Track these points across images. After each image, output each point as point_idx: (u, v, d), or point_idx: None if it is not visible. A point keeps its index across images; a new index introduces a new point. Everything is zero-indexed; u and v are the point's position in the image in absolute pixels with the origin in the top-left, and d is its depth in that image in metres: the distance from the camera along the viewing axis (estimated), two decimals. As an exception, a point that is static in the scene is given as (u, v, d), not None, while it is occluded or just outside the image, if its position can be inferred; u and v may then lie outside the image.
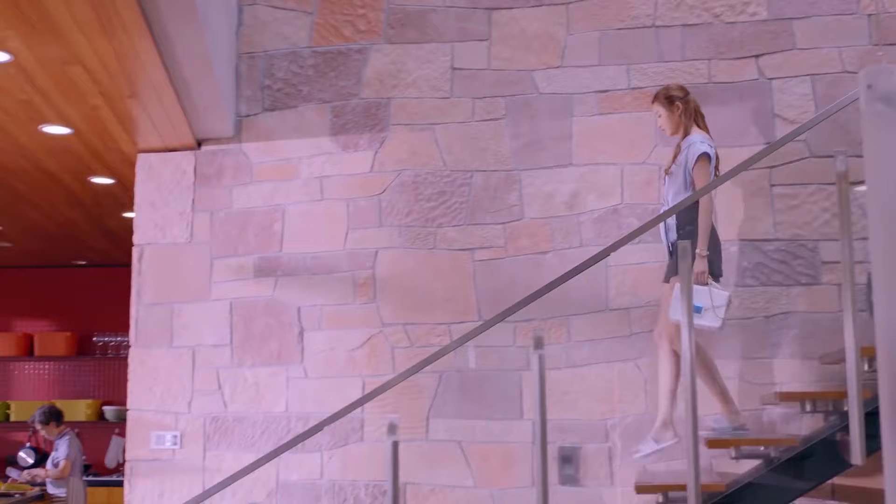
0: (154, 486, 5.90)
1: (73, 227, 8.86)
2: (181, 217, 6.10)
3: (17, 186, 7.25)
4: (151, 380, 5.99)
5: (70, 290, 11.06)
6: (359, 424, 5.70)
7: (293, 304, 5.89)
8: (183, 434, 5.91)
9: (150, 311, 6.05)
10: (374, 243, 5.86)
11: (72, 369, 10.98)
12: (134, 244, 6.15)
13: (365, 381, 5.73)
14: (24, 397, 10.92)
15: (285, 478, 5.73)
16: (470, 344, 4.92)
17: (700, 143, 5.01)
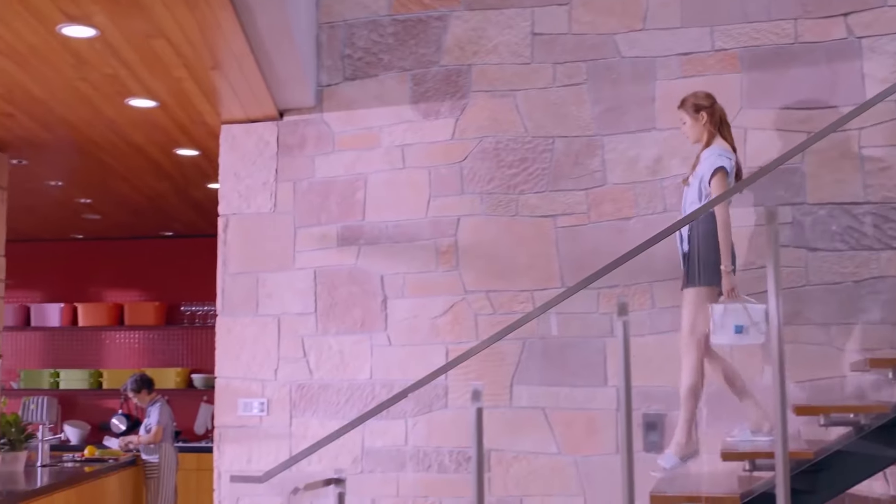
0: (242, 451, 6.00)
1: (159, 199, 9.00)
2: (265, 187, 6.17)
3: (105, 160, 7.38)
4: (238, 348, 6.09)
5: (158, 260, 11.26)
6: (443, 391, 5.73)
7: (376, 273, 5.92)
8: (269, 401, 6.00)
9: (236, 281, 6.14)
10: (456, 211, 5.86)
11: (160, 338, 11.19)
12: (219, 214, 6.24)
13: (448, 348, 5.75)
14: (116, 366, 11.16)
15: (370, 444, 5.79)
16: (553, 311, 4.90)
17: (718, 157, 4.92)
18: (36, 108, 6.00)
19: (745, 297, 4.76)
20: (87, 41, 4.91)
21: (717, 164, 4.89)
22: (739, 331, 4.68)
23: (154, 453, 8.36)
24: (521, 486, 5.61)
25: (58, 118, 6.23)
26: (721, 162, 4.90)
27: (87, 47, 5.00)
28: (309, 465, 5.31)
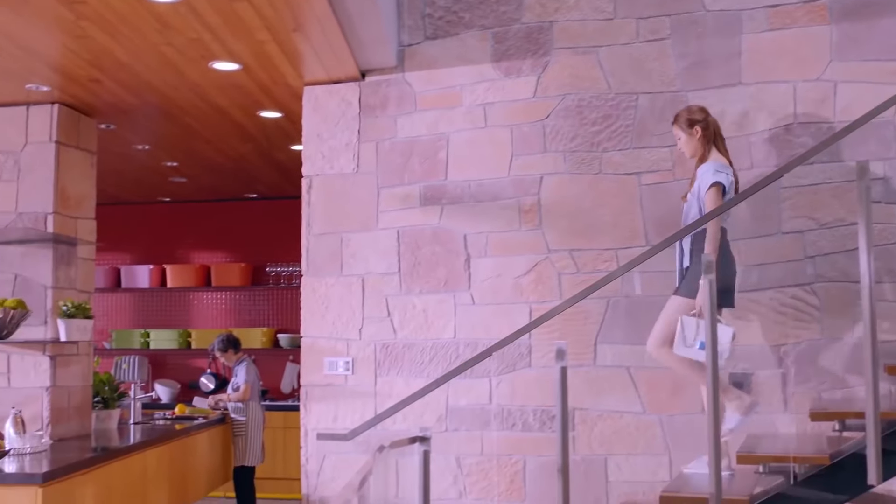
0: (328, 410, 6.08)
1: (243, 161, 9.09)
2: (347, 148, 6.20)
3: (190, 123, 7.47)
4: (323, 308, 6.15)
5: (243, 222, 11.39)
6: (526, 350, 5.73)
7: (459, 232, 5.93)
8: (354, 360, 6.06)
9: (320, 241, 6.19)
10: (539, 169, 5.83)
11: (246, 299, 11.35)
12: (303, 176, 6.29)
13: (531, 307, 5.74)
14: (204, 326, 11.35)
15: (454, 403, 5.82)
16: (637, 269, 4.86)
17: (714, 173, 4.89)
18: (122, 74, 6.09)
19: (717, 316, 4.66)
20: (172, 6, 4.96)
21: (713, 179, 4.87)
22: (702, 347, 4.61)
23: (242, 412, 8.49)
24: (605, 445, 5.61)
25: (144, 83, 6.32)
26: (717, 178, 4.87)
27: (171, 12, 5.05)
28: (394, 423, 5.38)
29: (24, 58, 5.72)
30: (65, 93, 6.51)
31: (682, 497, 4.36)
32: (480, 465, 5.79)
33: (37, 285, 6.66)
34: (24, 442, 5.95)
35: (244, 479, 8.53)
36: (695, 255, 4.89)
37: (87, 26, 5.21)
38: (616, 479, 5.59)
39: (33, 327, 6.55)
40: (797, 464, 4.21)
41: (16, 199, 6.72)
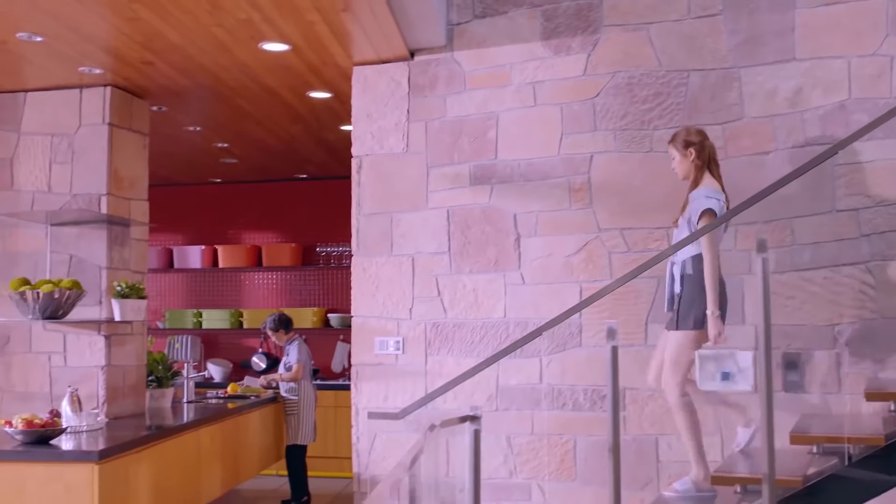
0: (379, 389, 6.11)
1: (293, 142, 9.13)
2: (397, 128, 6.20)
3: (240, 104, 7.51)
4: (373, 287, 6.17)
5: (293, 202, 11.45)
6: (577, 330, 5.72)
7: (509, 211, 5.91)
8: (405, 339, 6.08)
9: (370, 221, 6.21)
10: (589, 148, 5.80)
11: (297, 279, 11.42)
12: (352, 156, 6.30)
13: (582, 286, 5.72)
14: (255, 306, 11.45)
15: (505, 382, 5.83)
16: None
17: (706, 199, 4.84)
18: (174, 56, 6.13)
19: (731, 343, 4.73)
20: (222, -14, 4.99)
21: (705, 206, 4.82)
22: (726, 378, 4.59)
23: (294, 391, 8.56)
24: (656, 425, 5.59)
25: (195, 64, 6.36)
26: (709, 204, 4.82)
27: (221, -8, 5.08)
28: (444, 402, 5.39)
29: (78, 41, 5.78)
30: (117, 75, 6.58)
31: (734, 477, 4.33)
32: (531, 444, 5.79)
33: (91, 266, 6.75)
34: (80, 420, 6.04)
35: (296, 457, 8.61)
36: (686, 282, 4.87)
37: (138, 8, 5.25)
38: (667, 458, 5.57)
39: (88, 307, 6.65)
40: (851, 444, 4.16)
41: (70, 181, 6.81)
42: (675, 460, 5.52)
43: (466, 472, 4.23)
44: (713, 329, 4.70)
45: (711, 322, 4.69)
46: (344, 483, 9.48)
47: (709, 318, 4.70)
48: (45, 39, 5.73)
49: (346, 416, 8.03)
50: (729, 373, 4.61)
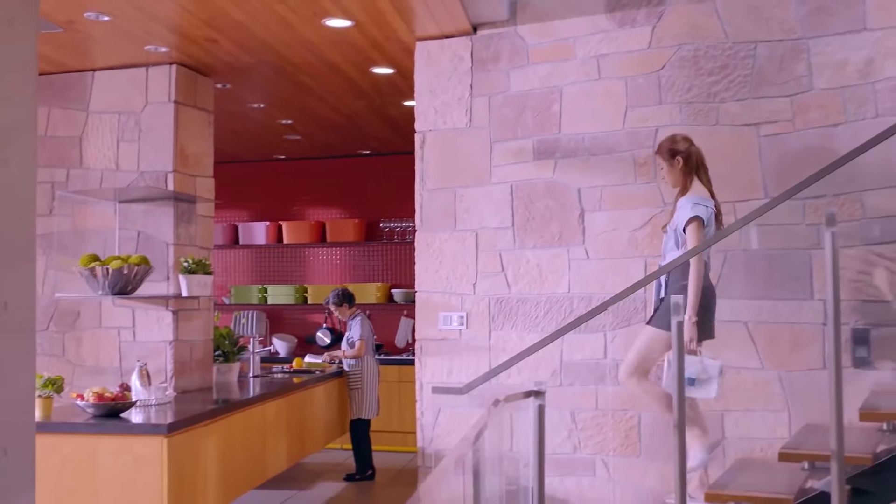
0: (443, 364, 6.12)
1: (356, 118, 9.15)
2: (460, 103, 6.18)
3: (304, 81, 7.54)
4: (437, 263, 6.18)
5: (356, 178, 11.49)
6: (641, 305, 5.67)
7: (573, 186, 5.88)
8: (468, 314, 6.08)
9: (434, 196, 6.21)
10: (654, 121, 5.73)
11: (361, 254, 11.47)
12: (416, 131, 6.30)
13: (647, 261, 5.68)
14: (319, 281, 11.53)
15: (569, 358, 5.81)
16: (754, 223, 4.76)
17: (693, 206, 4.92)
18: (238, 33, 6.17)
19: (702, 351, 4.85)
20: (285, -37, 5.00)
21: (692, 213, 4.89)
22: (691, 383, 4.69)
23: (357, 366, 8.62)
24: (721, 401, 5.52)
25: (258, 41, 6.39)
26: (696, 211, 4.89)
27: (285, -31, 5.09)
28: (508, 377, 5.39)
29: (144, 20, 5.84)
30: (182, 53, 6.63)
31: (802, 453, 4.28)
32: (595, 419, 5.77)
33: (159, 242, 6.84)
34: (149, 394, 6.14)
35: (360, 431, 8.67)
36: (670, 286, 4.94)
37: (203, -14, 5.29)
38: (733, 434, 5.52)
39: (156, 283, 6.74)
40: (924, 421, 4.09)
41: (137, 159, 6.89)
42: (742, 436, 5.47)
43: (531, 446, 4.23)
44: (686, 334, 4.76)
45: (687, 326, 4.78)
46: (408, 457, 9.53)
47: (685, 323, 4.76)
48: (112, 19, 5.79)
49: (409, 391, 8.07)
50: (694, 378, 4.74)
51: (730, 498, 4.24)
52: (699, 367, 4.76)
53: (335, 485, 8.61)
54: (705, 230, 4.93)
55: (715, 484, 4.57)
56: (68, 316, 7.01)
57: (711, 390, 4.79)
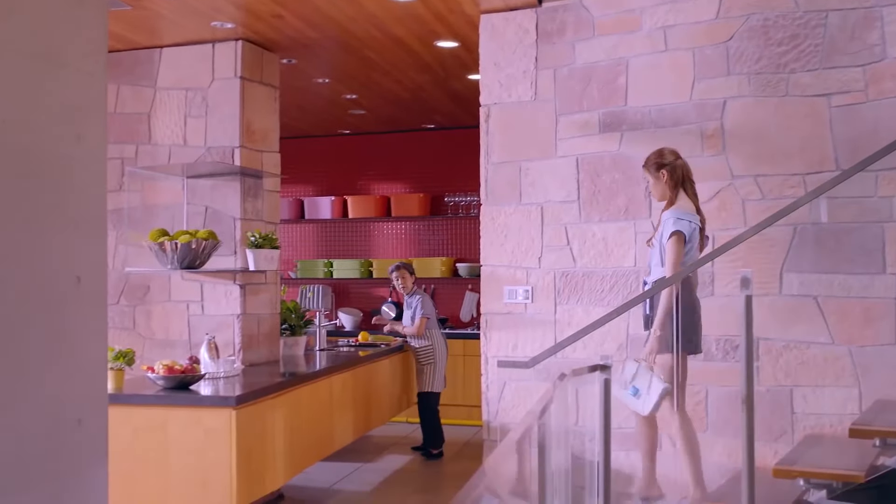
0: (508, 338, 6.12)
1: (421, 92, 9.14)
2: (525, 76, 6.15)
3: (368, 55, 7.55)
4: (502, 237, 6.17)
5: (421, 153, 11.50)
6: (709, 279, 5.61)
7: (639, 159, 5.81)
8: (534, 288, 6.07)
9: (499, 170, 6.19)
10: (722, 93, 5.65)
11: (425, 228, 11.48)
12: (480, 104, 6.28)
13: (714, 234, 5.61)
14: (384, 255, 11.57)
15: (635, 331, 5.77)
16: (825, 195, 4.68)
17: (675, 221, 4.99)
18: (303, 8, 6.18)
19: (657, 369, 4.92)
20: (350, -63, 4.99)
21: (673, 228, 4.97)
22: (634, 394, 4.81)
23: (428, 341, 8.65)
24: (791, 377, 5.46)
25: (323, 16, 6.40)
26: (677, 226, 4.97)
27: (349, -57, 5.09)
28: (573, 351, 5.37)
29: (210, -5, 5.88)
30: (248, 29, 6.67)
31: (874, 430, 4.22)
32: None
33: (226, 217, 6.91)
34: (217, 367, 6.23)
35: (428, 404, 8.69)
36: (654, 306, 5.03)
37: (268, -38, 5.31)
38: (802, 410, 5.45)
39: (224, 257, 6.81)
40: None
41: (204, 135, 6.96)
42: (811, 412, 5.40)
43: (597, 421, 4.22)
44: (648, 346, 4.96)
45: (651, 339, 4.95)
46: (473, 431, 9.56)
47: (650, 336, 4.97)
48: (179, -5, 5.85)
49: (474, 365, 8.07)
50: (638, 391, 4.85)
51: (799, 474, 4.20)
52: (647, 382, 4.85)
53: (401, 457, 8.67)
54: (687, 245, 5.01)
55: (783, 460, 4.53)
56: (138, 290, 7.12)
57: (647, 407, 4.87)
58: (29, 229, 2.32)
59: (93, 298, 2.52)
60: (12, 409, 2.26)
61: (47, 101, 2.36)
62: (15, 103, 2.25)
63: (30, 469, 2.34)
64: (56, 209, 2.40)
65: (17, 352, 2.30)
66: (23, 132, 2.27)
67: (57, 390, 2.44)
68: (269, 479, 5.92)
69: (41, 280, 2.36)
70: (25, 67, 2.29)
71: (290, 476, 6.33)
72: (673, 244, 4.96)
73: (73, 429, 2.48)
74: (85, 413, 2.53)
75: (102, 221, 2.56)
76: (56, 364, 2.43)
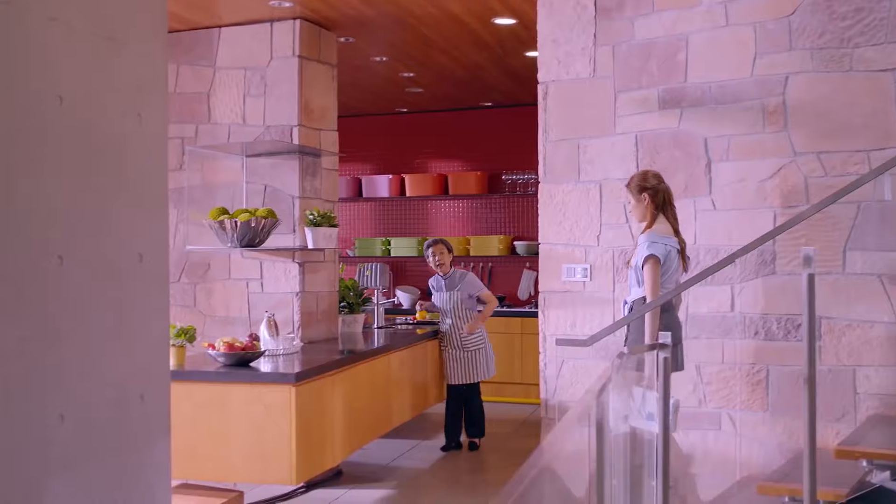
0: (566, 316, 6.10)
1: (478, 70, 9.12)
2: (583, 52, 6.10)
3: (425, 32, 7.54)
4: (560, 215, 6.14)
5: (478, 131, 11.48)
6: (770, 257, 5.55)
7: (699, 136, 5.76)
8: (592, 267, 6.04)
9: (557, 148, 6.16)
10: (784, 68, 5.56)
11: (483, 207, 11.47)
12: (538, 82, 6.24)
13: (776, 212, 5.54)
14: (441, 233, 11.55)
15: (695, 310, 5.72)
16: (890, 172, 4.60)
17: (650, 245, 5.12)
18: (361, -15, 6.20)
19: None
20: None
21: (647, 252, 5.10)
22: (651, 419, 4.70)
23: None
24: (853, 356, 5.39)
25: (381, -6, 6.41)
26: (651, 250, 5.10)
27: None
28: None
29: (268, -26, 5.91)
30: (306, 8, 6.69)
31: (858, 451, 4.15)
32: (721, 373, 5.69)
33: (285, 195, 6.96)
34: (277, 344, 6.28)
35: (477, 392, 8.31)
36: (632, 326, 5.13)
37: (326, -60, 5.31)
38: (865, 391, 5.37)
39: (283, 235, 6.87)
40: None
41: (263, 114, 7.01)
42: (874, 392, 5.33)
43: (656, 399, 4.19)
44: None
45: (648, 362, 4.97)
46: (531, 409, 9.56)
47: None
48: (238, -26, 5.88)
49: (532, 344, 8.06)
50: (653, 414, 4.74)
51: (861, 455, 4.14)
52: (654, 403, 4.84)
53: (459, 435, 8.69)
54: (663, 267, 5.12)
55: (846, 441, 4.48)
56: (199, 268, 7.20)
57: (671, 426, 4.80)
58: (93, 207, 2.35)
59: (155, 276, 2.55)
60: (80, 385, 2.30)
61: (109, 81, 2.38)
62: (78, 82, 2.27)
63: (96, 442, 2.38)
64: (118, 187, 2.43)
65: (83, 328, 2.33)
66: (86, 111, 2.30)
67: (121, 366, 2.48)
68: (328, 455, 5.97)
69: (105, 258, 2.40)
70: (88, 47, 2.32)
71: (348, 452, 6.38)
72: (649, 269, 5.10)
73: (137, 404, 2.52)
74: (148, 389, 2.57)
75: (164, 200, 2.58)
76: (120, 341, 2.46)
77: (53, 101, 2.16)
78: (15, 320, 2.08)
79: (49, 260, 2.17)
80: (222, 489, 5.30)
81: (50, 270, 2.17)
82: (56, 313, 2.20)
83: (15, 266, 2.07)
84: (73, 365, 2.30)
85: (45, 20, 2.13)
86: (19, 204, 2.07)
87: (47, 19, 2.14)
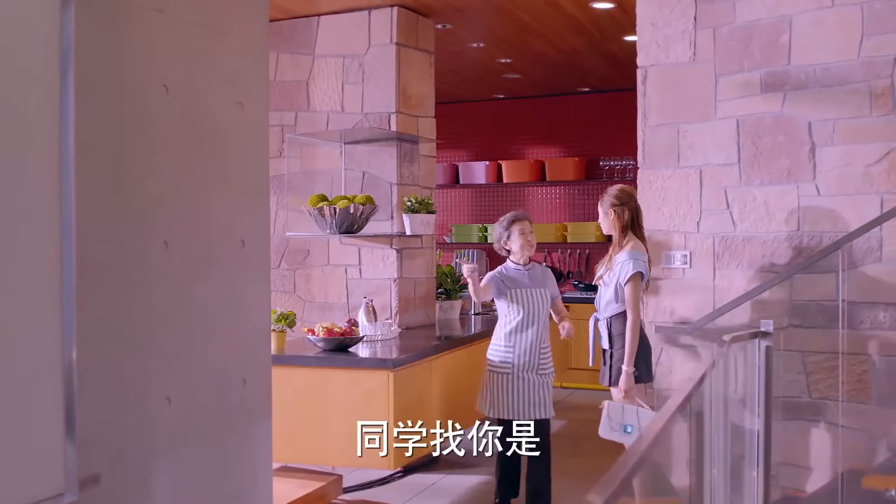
0: (665, 302, 6.03)
1: (575, 55, 9.05)
2: (683, 35, 6.01)
3: (522, 18, 7.50)
4: (660, 200, 6.06)
5: (576, 116, 11.40)
6: (877, 244, 5.40)
7: (803, 120, 5.63)
8: (692, 253, 5.96)
9: (656, 133, 6.08)
10: (893, 50, 5.39)
11: (581, 193, 11.39)
12: (637, 66, 6.17)
13: (883, 197, 5.38)
14: (539, 220, 11.52)
15: (798, 298, 5.60)
16: None
17: (634, 262, 5.30)
18: (458, -28, 6.20)
19: (640, 401, 5.19)
20: None
21: (633, 270, 5.30)
22: (627, 431, 4.97)
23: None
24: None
25: (478, -21, 6.40)
26: (637, 268, 5.30)
27: None
28: (733, 317, 5.27)
29: (366, -38, 5.93)
30: (403, -6, 6.72)
31: None
32: (825, 362, 5.56)
33: (383, 182, 7.00)
34: (375, 329, 6.33)
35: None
36: (615, 340, 5.36)
37: (423, -73, 5.32)
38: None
39: (380, 222, 6.91)
40: None
41: (361, 101, 7.06)
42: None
43: (757, 389, 4.13)
44: (624, 384, 5.22)
45: (625, 378, 5.22)
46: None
47: (623, 374, 5.23)
48: (336, -38, 5.92)
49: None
50: (631, 426, 5.00)
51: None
52: (634, 416, 5.02)
53: (555, 422, 8.65)
54: (642, 283, 5.38)
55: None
56: (298, 254, 7.29)
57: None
58: (196, 194, 2.39)
59: (257, 262, 2.59)
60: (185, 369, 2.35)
61: (212, 69, 2.42)
62: (182, 70, 2.31)
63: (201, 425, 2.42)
64: (221, 174, 2.46)
65: (187, 313, 2.37)
66: (190, 100, 2.34)
67: (224, 351, 2.52)
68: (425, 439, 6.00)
69: (209, 244, 2.44)
70: (192, 38, 2.36)
71: (444, 438, 6.40)
72: (633, 286, 5.28)
73: (239, 388, 2.56)
74: (250, 373, 2.61)
75: (265, 187, 2.61)
76: (223, 326, 2.50)
77: (159, 90, 2.20)
78: (125, 305, 2.13)
79: (155, 245, 2.21)
80: (321, 472, 5.37)
81: (156, 255, 2.21)
82: (161, 298, 2.24)
83: (123, 250, 2.12)
84: (178, 349, 2.34)
85: (152, 12, 2.17)
86: (126, 190, 2.12)
87: (154, 11, 2.18)
